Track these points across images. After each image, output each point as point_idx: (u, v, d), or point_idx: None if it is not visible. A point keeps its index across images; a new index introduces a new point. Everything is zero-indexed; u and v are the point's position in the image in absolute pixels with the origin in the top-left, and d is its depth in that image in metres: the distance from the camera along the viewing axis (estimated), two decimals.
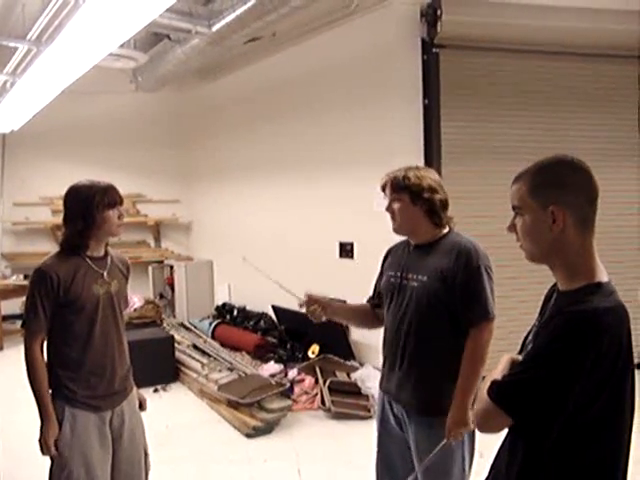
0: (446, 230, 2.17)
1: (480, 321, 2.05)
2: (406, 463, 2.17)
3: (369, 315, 2.37)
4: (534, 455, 1.32)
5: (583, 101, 4.95)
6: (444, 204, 2.14)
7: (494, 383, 1.33)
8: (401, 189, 2.12)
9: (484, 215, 4.66)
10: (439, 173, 4.55)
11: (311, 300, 2.31)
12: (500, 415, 1.29)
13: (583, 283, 1.32)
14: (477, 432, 2.13)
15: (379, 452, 2.29)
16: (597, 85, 4.97)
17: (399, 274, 2.18)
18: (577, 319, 1.25)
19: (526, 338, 1.45)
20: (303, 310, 2.32)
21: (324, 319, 2.32)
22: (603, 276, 1.33)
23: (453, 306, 2.06)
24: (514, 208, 1.40)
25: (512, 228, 1.41)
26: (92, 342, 2.23)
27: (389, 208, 2.17)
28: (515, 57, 4.78)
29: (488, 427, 1.35)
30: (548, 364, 1.26)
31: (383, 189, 2.20)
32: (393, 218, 2.17)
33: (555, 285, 1.43)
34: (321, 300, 2.32)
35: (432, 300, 2.06)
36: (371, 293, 2.41)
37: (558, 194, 1.32)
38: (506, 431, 1.42)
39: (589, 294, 1.29)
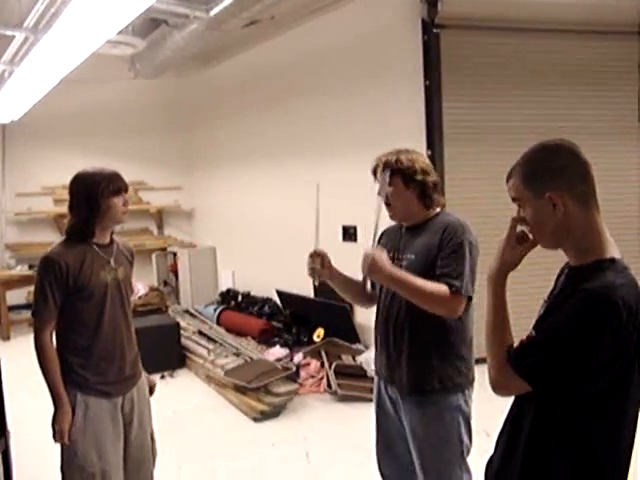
0: (437, 210, 2.18)
1: (450, 287, 1.97)
2: (405, 442, 2.19)
3: (365, 292, 2.36)
4: (541, 426, 1.36)
5: (585, 79, 4.91)
6: (435, 186, 2.14)
7: (516, 354, 1.35)
8: (394, 172, 2.10)
9: (486, 196, 4.65)
10: (441, 154, 4.62)
11: (315, 254, 2.21)
12: (521, 383, 1.33)
13: (594, 258, 1.34)
14: (472, 417, 2.14)
15: (378, 433, 2.31)
16: (598, 62, 4.92)
17: (392, 255, 2.18)
18: (594, 297, 1.26)
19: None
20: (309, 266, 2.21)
21: (325, 279, 2.22)
22: (615, 252, 1.35)
23: (434, 277, 2.03)
24: (514, 200, 1.43)
25: (523, 221, 1.43)
26: (101, 328, 2.25)
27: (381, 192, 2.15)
28: (516, 36, 4.73)
29: (506, 392, 1.39)
30: (570, 344, 1.28)
31: (374, 172, 2.18)
32: (387, 204, 2.16)
33: (566, 265, 1.45)
34: (326, 258, 2.22)
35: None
36: None
37: (549, 180, 1.35)
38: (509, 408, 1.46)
39: (602, 269, 1.31)
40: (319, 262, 2.21)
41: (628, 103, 4.99)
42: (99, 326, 2.24)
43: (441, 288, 1.98)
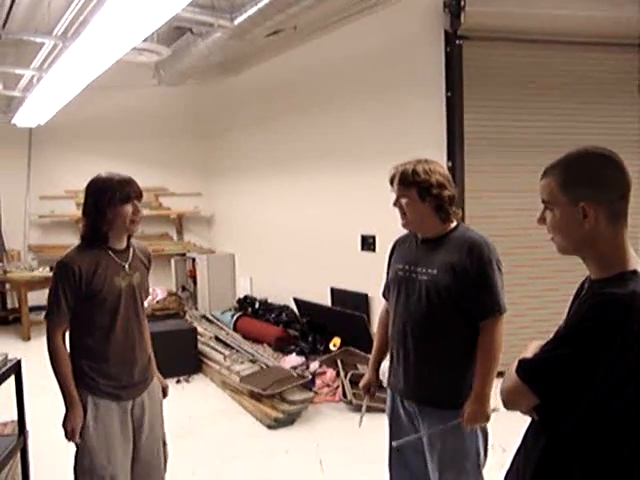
0: (454, 224, 2.16)
1: (493, 314, 2.05)
2: (418, 454, 2.18)
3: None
4: (555, 445, 1.32)
5: (609, 92, 4.85)
6: (452, 200, 2.12)
7: (522, 361, 1.33)
8: (409, 184, 2.09)
9: (507, 208, 4.62)
10: (462, 165, 4.60)
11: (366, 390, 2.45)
12: (526, 393, 1.30)
13: (617, 271, 1.30)
14: (489, 427, 2.13)
15: (391, 444, 2.28)
16: (619, 76, 4.84)
17: (407, 267, 2.18)
18: (610, 301, 1.23)
19: None
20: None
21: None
22: (638, 266, 1.31)
23: (464, 300, 2.05)
24: (543, 202, 1.39)
25: (542, 221, 1.40)
26: (114, 334, 2.26)
27: (397, 203, 2.15)
28: (539, 48, 4.70)
29: (514, 405, 1.35)
30: (574, 342, 1.25)
31: (391, 182, 2.17)
32: (402, 213, 2.15)
33: (585, 280, 1.42)
34: (369, 383, 2.43)
35: (442, 294, 2.05)
36: (383, 287, 2.40)
37: (589, 190, 1.30)
38: (526, 425, 1.43)
39: (625, 280, 1.27)
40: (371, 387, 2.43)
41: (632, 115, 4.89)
42: (111, 331, 2.25)
43: (490, 338, 2.04)
